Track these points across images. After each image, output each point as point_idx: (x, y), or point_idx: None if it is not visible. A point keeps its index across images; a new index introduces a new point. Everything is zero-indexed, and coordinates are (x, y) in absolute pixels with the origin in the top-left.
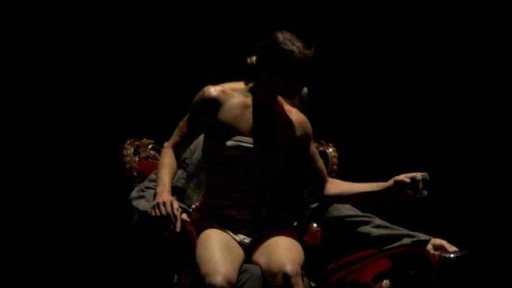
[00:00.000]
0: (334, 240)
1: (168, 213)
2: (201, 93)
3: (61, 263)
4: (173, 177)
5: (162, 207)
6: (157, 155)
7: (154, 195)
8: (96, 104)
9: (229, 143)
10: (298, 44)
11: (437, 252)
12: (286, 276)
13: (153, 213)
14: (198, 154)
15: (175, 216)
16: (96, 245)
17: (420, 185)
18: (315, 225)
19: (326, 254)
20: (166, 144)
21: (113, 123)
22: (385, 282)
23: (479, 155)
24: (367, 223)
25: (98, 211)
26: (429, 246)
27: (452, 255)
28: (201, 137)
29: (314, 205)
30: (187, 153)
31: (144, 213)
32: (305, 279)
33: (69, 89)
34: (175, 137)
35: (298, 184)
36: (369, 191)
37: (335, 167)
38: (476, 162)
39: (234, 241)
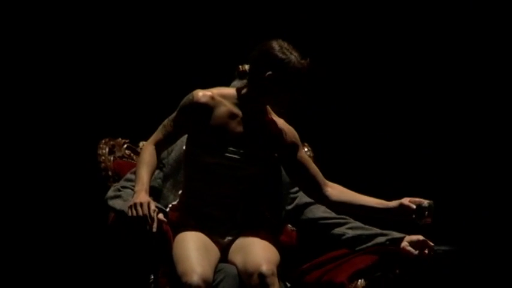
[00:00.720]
0: (310, 240)
1: (144, 215)
2: (190, 96)
3: (35, 263)
4: (152, 175)
5: (138, 207)
6: (132, 154)
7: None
8: (71, 103)
9: (214, 151)
10: (295, 53)
11: (414, 248)
12: (261, 276)
13: (130, 214)
14: (174, 154)
15: (151, 218)
16: (72, 244)
17: (426, 213)
18: (289, 225)
19: (301, 254)
20: (143, 143)
21: (88, 122)
22: (360, 282)
23: (459, 155)
24: (341, 225)
25: (73, 211)
26: (404, 243)
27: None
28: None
29: (290, 207)
30: (164, 154)
31: (121, 213)
32: (280, 279)
33: (44, 88)
34: (158, 135)
35: (276, 185)
36: (371, 206)
37: None
38: (457, 161)
39: (210, 240)
